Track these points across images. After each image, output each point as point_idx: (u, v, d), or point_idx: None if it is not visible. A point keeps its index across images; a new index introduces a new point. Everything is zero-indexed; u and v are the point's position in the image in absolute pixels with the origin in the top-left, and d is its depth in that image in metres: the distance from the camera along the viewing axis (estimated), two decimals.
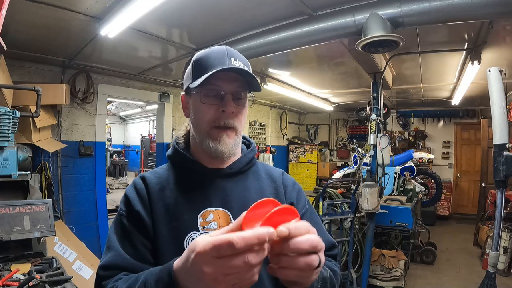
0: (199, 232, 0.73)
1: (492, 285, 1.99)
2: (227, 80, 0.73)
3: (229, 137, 0.75)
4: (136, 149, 12.35)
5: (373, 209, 2.91)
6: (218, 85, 0.73)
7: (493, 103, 2.01)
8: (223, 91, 0.73)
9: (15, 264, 1.65)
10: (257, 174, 0.85)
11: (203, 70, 0.73)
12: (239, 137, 0.80)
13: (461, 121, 6.57)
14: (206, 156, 0.79)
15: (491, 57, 3.05)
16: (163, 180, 0.80)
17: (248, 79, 0.75)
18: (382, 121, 3.21)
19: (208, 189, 0.78)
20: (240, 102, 0.76)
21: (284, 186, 0.86)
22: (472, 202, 6.27)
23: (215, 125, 0.74)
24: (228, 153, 0.76)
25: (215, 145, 0.75)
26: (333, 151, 8.25)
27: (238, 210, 0.75)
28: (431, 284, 3.45)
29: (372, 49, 2.07)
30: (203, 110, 0.75)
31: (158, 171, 0.84)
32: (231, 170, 0.81)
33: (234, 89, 0.74)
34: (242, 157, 0.84)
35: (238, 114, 0.76)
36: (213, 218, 0.75)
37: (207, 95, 0.74)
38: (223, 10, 2.21)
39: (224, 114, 0.74)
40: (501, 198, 2.00)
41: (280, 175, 0.88)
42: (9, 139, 2.05)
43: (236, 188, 0.79)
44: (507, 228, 3.62)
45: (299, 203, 0.84)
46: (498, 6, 1.65)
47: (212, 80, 0.72)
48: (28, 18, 2.25)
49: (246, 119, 0.82)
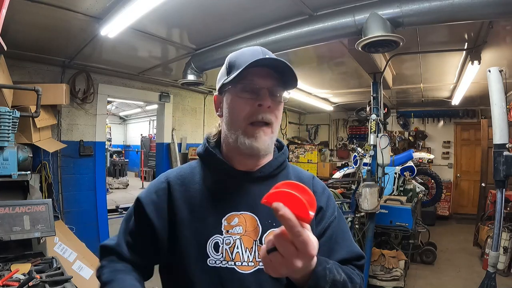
0: (222, 235, 0.72)
1: (492, 285, 1.99)
2: (262, 75, 0.73)
3: (265, 133, 0.73)
4: (136, 149, 12.35)
5: (373, 209, 2.91)
6: (253, 80, 0.72)
7: (493, 103, 2.01)
8: (259, 86, 0.72)
9: (15, 264, 1.65)
10: (287, 178, 0.82)
11: (238, 67, 0.72)
12: (275, 136, 0.77)
13: (461, 121, 6.57)
14: (237, 157, 0.78)
15: (491, 57, 3.05)
16: (188, 180, 0.79)
17: (283, 76, 0.74)
18: (382, 121, 3.21)
19: (236, 192, 0.76)
20: (275, 98, 0.74)
21: (314, 192, 0.79)
22: (472, 202, 6.27)
23: (251, 121, 0.73)
24: (264, 150, 0.74)
25: (250, 142, 0.73)
26: (333, 151, 8.25)
27: (266, 215, 0.74)
28: (431, 284, 3.44)
29: (372, 49, 2.07)
30: (239, 105, 0.74)
31: (185, 169, 0.83)
32: (261, 174, 0.78)
33: (270, 84, 0.73)
34: (272, 161, 0.81)
35: (275, 109, 0.75)
36: (238, 222, 0.73)
37: (243, 90, 0.73)
38: (223, 10, 2.21)
39: (261, 109, 0.72)
40: (501, 198, 2.00)
41: (311, 180, 0.86)
42: (9, 139, 2.05)
43: (265, 193, 0.74)
44: (507, 228, 3.62)
45: (328, 209, 0.82)
46: (498, 6, 1.65)
47: (248, 76, 0.72)
48: (28, 18, 2.25)
49: (281, 117, 0.79)
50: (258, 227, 0.73)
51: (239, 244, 0.72)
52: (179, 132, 4.97)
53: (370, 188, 2.91)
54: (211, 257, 0.71)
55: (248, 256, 0.71)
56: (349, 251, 0.79)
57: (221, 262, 0.70)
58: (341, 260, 0.75)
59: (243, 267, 0.71)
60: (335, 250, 0.77)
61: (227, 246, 0.71)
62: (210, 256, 0.71)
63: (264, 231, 0.73)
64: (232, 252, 0.71)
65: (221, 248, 0.71)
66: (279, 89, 0.75)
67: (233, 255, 0.71)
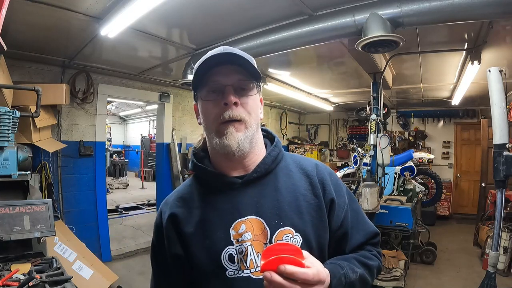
0: (234, 246, 0.71)
1: (492, 285, 1.99)
2: (226, 73, 0.72)
3: (237, 130, 0.71)
4: (136, 149, 12.36)
5: (373, 209, 2.90)
6: (216, 80, 0.72)
7: (493, 103, 2.01)
8: (222, 85, 0.72)
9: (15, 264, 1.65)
10: (287, 169, 0.79)
11: (200, 71, 0.73)
12: (252, 131, 0.74)
13: (461, 121, 6.57)
14: (224, 161, 0.76)
15: (491, 57, 3.05)
16: (188, 200, 0.79)
17: (248, 69, 0.73)
18: (382, 121, 3.21)
19: (236, 199, 0.74)
20: (243, 92, 0.73)
21: (321, 180, 0.78)
22: (472, 202, 6.27)
23: (221, 121, 0.72)
24: (237, 147, 0.71)
25: (222, 140, 0.71)
26: (333, 151, 8.25)
27: (271, 215, 0.73)
28: (431, 284, 3.44)
29: (372, 49, 2.07)
30: (207, 108, 0.74)
31: (182, 191, 0.82)
32: (257, 174, 0.76)
33: (234, 80, 0.72)
34: (266, 157, 0.78)
35: (244, 104, 0.73)
36: (245, 228, 0.72)
37: (208, 92, 0.73)
38: (223, 10, 2.21)
39: (227, 107, 0.71)
40: (501, 198, 2.00)
41: (314, 168, 0.81)
42: (9, 139, 2.05)
43: (266, 192, 0.75)
44: (507, 228, 3.62)
45: (339, 198, 0.79)
46: (498, 6, 1.65)
47: (211, 77, 0.72)
48: (28, 18, 2.25)
49: (258, 111, 0.77)
50: (265, 229, 0.72)
51: (251, 250, 0.71)
52: (179, 132, 4.97)
53: (370, 188, 2.91)
54: (229, 269, 0.71)
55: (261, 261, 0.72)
56: (366, 233, 0.82)
57: (237, 272, 0.71)
58: (358, 244, 0.79)
59: (257, 273, 0.70)
60: (352, 235, 0.79)
61: (240, 255, 0.71)
62: (228, 268, 0.71)
63: (272, 232, 0.72)
64: (246, 260, 0.71)
65: (236, 258, 0.71)
66: (246, 82, 0.73)
67: (247, 263, 0.71)
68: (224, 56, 0.71)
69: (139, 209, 6.76)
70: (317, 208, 0.75)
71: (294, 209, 0.74)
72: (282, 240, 0.71)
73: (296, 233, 0.72)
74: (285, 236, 0.71)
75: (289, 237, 0.71)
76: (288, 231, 0.72)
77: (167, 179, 4.86)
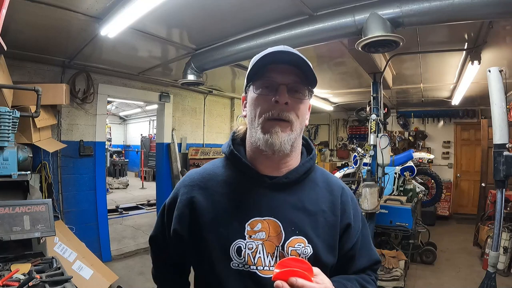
0: (245, 240, 0.72)
1: (492, 285, 1.99)
2: (282, 72, 0.72)
3: (282, 130, 0.71)
4: (136, 149, 12.36)
5: (373, 209, 2.91)
6: (272, 77, 0.72)
7: (493, 103, 2.01)
8: (277, 83, 0.71)
9: (15, 264, 1.65)
10: (313, 183, 0.81)
11: (256, 64, 0.73)
12: (295, 134, 0.74)
13: (461, 121, 6.57)
14: (260, 158, 0.76)
15: (491, 57, 3.05)
16: (212, 183, 0.79)
17: (305, 73, 0.73)
18: (382, 121, 3.21)
19: (260, 197, 0.75)
20: (296, 94, 0.73)
21: (343, 203, 0.81)
22: (472, 202, 6.27)
23: (268, 118, 0.71)
24: (279, 147, 0.71)
25: (266, 137, 0.71)
26: (333, 151, 8.25)
27: (289, 221, 0.74)
28: (431, 284, 3.44)
29: (372, 49, 2.06)
30: (257, 102, 0.74)
31: (209, 170, 0.83)
32: (287, 180, 0.76)
33: (289, 81, 0.72)
34: (299, 167, 0.79)
35: (294, 107, 0.72)
36: (261, 227, 0.73)
37: (261, 87, 0.73)
38: (223, 10, 2.21)
39: (277, 105, 0.71)
40: (501, 198, 2.00)
41: (340, 189, 0.83)
42: (9, 139, 2.05)
43: (289, 198, 0.76)
44: (507, 228, 3.62)
45: (355, 223, 0.82)
46: (498, 6, 1.65)
47: (267, 73, 0.72)
48: (28, 18, 2.25)
49: (306, 116, 0.78)
50: (281, 233, 0.73)
51: (261, 249, 0.72)
52: (179, 132, 4.97)
53: (370, 188, 2.91)
54: (234, 260, 0.72)
55: (269, 261, 0.72)
56: (369, 259, 0.85)
57: (243, 266, 0.72)
58: (361, 268, 0.83)
59: (265, 272, 0.71)
60: (357, 258, 0.83)
61: (249, 251, 0.72)
62: (233, 260, 0.72)
63: (287, 238, 0.73)
64: (255, 257, 0.72)
65: (244, 252, 0.72)
66: (301, 86, 0.73)
67: (255, 260, 0.72)
68: (284, 54, 0.71)
69: (139, 209, 6.76)
70: (332, 227, 0.77)
71: (312, 222, 0.75)
72: (295, 247, 0.73)
73: (308, 244, 0.74)
74: (298, 244, 0.73)
75: (301, 246, 0.73)
76: (302, 240, 0.73)
77: (167, 179, 4.86)
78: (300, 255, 0.73)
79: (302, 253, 0.72)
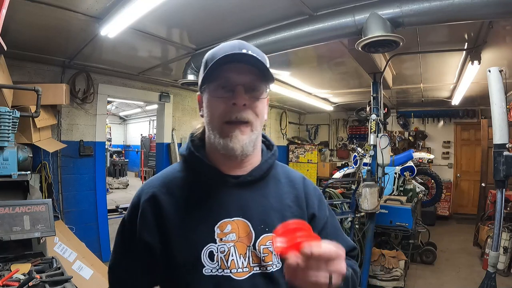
0: (217, 244, 0.70)
1: (492, 285, 1.99)
2: (238, 72, 0.69)
3: (242, 133, 0.69)
4: (136, 149, 12.35)
5: (373, 209, 2.90)
6: (228, 77, 0.69)
7: (493, 103, 2.01)
8: (233, 83, 0.69)
9: (15, 264, 1.65)
10: (276, 179, 0.80)
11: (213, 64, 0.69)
12: (256, 133, 0.73)
13: (461, 121, 6.57)
14: (221, 158, 0.74)
15: (491, 57, 3.05)
16: (175, 188, 0.75)
17: (263, 70, 0.70)
18: (382, 121, 3.21)
19: (226, 197, 0.73)
20: (254, 94, 0.71)
21: (306, 194, 0.81)
22: (472, 202, 6.27)
23: (226, 120, 0.69)
24: (241, 151, 0.70)
25: (226, 142, 0.69)
26: (333, 151, 8.25)
27: (258, 219, 0.73)
28: (431, 284, 3.44)
29: (372, 49, 2.06)
30: (214, 104, 0.71)
31: (169, 175, 0.78)
32: (251, 178, 0.75)
33: (246, 80, 0.69)
34: (263, 163, 0.78)
35: (253, 107, 0.70)
36: (231, 229, 0.71)
37: (217, 88, 0.70)
38: (223, 10, 2.21)
39: (235, 108, 0.68)
40: (501, 198, 2.00)
41: (302, 181, 0.83)
42: (9, 139, 2.05)
43: (255, 196, 0.75)
44: (507, 228, 3.62)
45: (320, 212, 0.81)
46: (498, 6, 1.65)
47: (222, 73, 0.69)
48: (28, 18, 2.25)
49: (264, 113, 0.75)
50: (251, 232, 0.72)
51: (233, 251, 0.70)
52: (179, 132, 4.97)
53: (370, 188, 2.91)
54: (206, 266, 0.69)
55: (242, 262, 0.70)
56: (345, 246, 0.82)
57: (217, 270, 0.69)
58: None
59: (238, 274, 0.70)
60: None
61: (221, 254, 0.70)
62: (206, 265, 0.69)
63: (257, 237, 0.72)
64: (227, 260, 0.70)
65: (216, 256, 0.70)
66: (258, 84, 0.71)
67: (228, 263, 0.70)
68: (240, 54, 0.68)
69: None
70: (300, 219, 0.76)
71: (279, 217, 0.74)
72: (266, 245, 0.72)
73: None
74: (269, 242, 0.72)
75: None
76: (272, 237, 0.72)
77: None
78: (272, 252, 0.72)
79: (273, 250, 0.72)
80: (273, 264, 0.72)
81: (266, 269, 0.71)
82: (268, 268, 0.71)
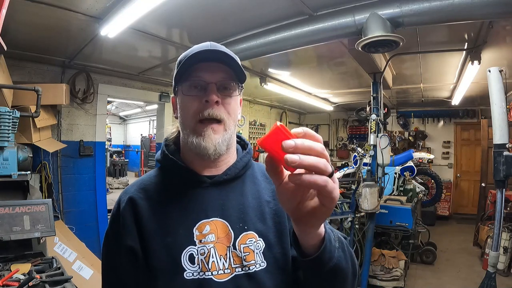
0: (196, 246, 0.69)
1: (492, 285, 1.99)
2: (211, 71, 0.71)
3: (215, 132, 0.70)
4: (136, 149, 12.35)
5: (373, 209, 2.91)
6: (200, 76, 0.71)
7: (493, 103, 2.01)
8: (206, 82, 0.70)
9: (15, 264, 1.65)
10: (253, 177, 0.81)
11: (185, 65, 0.72)
12: (229, 133, 0.73)
13: (461, 121, 6.58)
14: (196, 159, 0.75)
15: (491, 57, 3.05)
16: (151, 192, 0.75)
17: (234, 68, 0.72)
18: (382, 121, 3.21)
19: (203, 198, 0.73)
20: (226, 92, 0.72)
21: None
22: (472, 202, 6.28)
23: (199, 118, 0.70)
24: (214, 150, 0.70)
25: (199, 141, 0.70)
26: (333, 151, 8.26)
27: (236, 218, 0.72)
28: (431, 284, 3.45)
29: (372, 49, 2.07)
30: (187, 103, 0.72)
31: (146, 181, 0.78)
32: (227, 176, 0.75)
33: (218, 78, 0.71)
34: (237, 162, 0.79)
35: (225, 104, 0.72)
36: (210, 230, 0.70)
37: (190, 88, 0.72)
38: (223, 10, 2.21)
39: (207, 105, 0.69)
40: (501, 198, 2.00)
41: None
42: (9, 139, 2.05)
43: (232, 195, 0.75)
44: (507, 228, 3.62)
45: None
46: (498, 6, 1.65)
47: (194, 72, 0.71)
48: (28, 18, 2.25)
49: (237, 112, 0.76)
50: (230, 232, 0.71)
51: (214, 252, 0.69)
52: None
53: (370, 188, 2.91)
54: (187, 270, 0.67)
55: (223, 264, 0.69)
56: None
57: (198, 273, 0.68)
58: None
59: (220, 276, 0.68)
60: None
61: (202, 256, 0.68)
62: (187, 269, 0.67)
63: (236, 236, 0.71)
64: (208, 262, 0.68)
65: (197, 259, 0.68)
66: (230, 82, 0.72)
67: (209, 265, 0.68)
68: (211, 52, 0.70)
69: None
70: (279, 213, 0.76)
71: (258, 214, 0.74)
72: (246, 244, 0.71)
73: (260, 238, 0.72)
74: (249, 240, 0.71)
75: (252, 241, 0.71)
76: (252, 235, 0.71)
77: None
78: (253, 251, 0.70)
79: (255, 248, 0.71)
80: (256, 263, 0.70)
81: (249, 269, 0.69)
82: (250, 267, 0.69)
